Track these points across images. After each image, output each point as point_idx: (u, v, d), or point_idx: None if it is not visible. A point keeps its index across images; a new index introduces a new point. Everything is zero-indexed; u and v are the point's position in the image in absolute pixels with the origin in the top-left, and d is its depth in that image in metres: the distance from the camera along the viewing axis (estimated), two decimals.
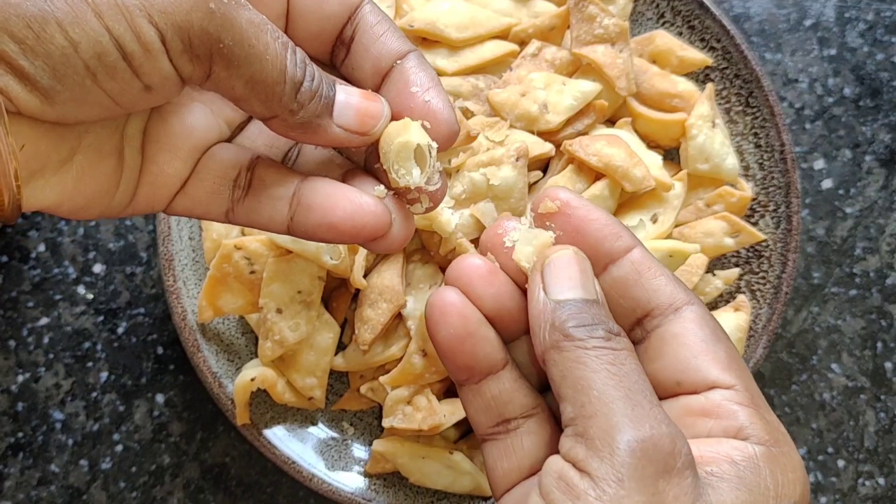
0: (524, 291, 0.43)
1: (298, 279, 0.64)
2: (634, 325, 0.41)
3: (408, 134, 0.41)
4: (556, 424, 0.44)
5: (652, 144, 0.70)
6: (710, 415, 0.39)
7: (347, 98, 0.40)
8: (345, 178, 0.44)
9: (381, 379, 0.64)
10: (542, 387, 0.45)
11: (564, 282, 0.40)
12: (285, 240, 0.62)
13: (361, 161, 0.45)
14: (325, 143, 0.41)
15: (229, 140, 0.45)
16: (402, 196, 0.43)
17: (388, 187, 0.42)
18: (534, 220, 0.43)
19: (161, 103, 0.39)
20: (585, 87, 0.65)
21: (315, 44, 0.42)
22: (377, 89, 0.42)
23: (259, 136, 0.45)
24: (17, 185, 0.33)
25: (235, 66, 0.36)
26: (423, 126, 0.41)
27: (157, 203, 0.42)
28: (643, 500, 0.34)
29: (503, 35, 0.68)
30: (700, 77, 0.71)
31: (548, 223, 0.43)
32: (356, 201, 0.41)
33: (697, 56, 0.70)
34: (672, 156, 0.70)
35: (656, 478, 0.35)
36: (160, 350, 0.73)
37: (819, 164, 0.76)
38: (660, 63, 0.71)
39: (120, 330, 0.73)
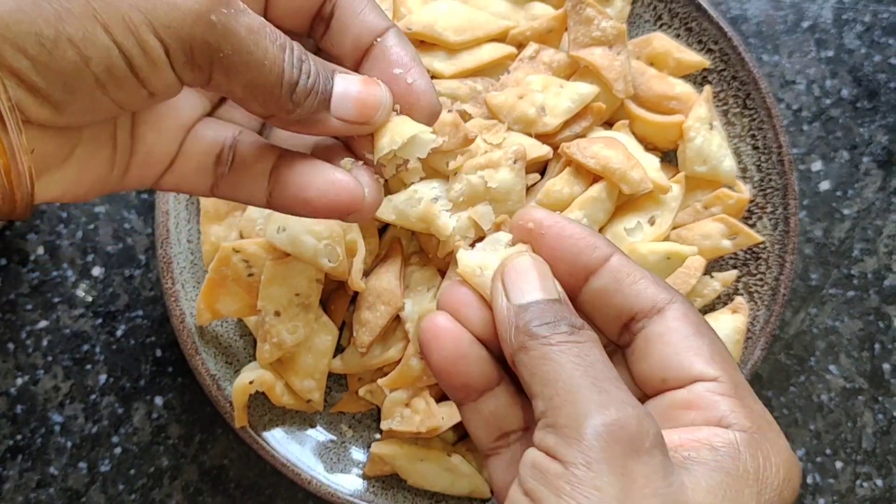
0: None
1: (296, 282, 0.63)
2: (622, 331, 0.43)
3: (406, 128, 0.42)
4: None
5: (649, 146, 0.69)
6: (693, 406, 0.39)
7: (346, 88, 0.41)
8: (319, 152, 0.45)
9: (380, 381, 0.64)
10: None
11: (524, 286, 0.41)
12: (283, 242, 0.62)
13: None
14: (327, 134, 0.42)
15: (211, 113, 0.46)
16: (370, 165, 0.44)
17: (358, 158, 0.43)
18: (510, 241, 0.45)
19: (161, 103, 0.41)
20: (583, 90, 0.65)
21: (294, 19, 0.43)
22: (357, 65, 0.43)
23: (238, 108, 0.46)
24: (31, 185, 0.35)
25: (234, 72, 0.37)
26: (397, 111, 0.43)
27: (147, 180, 0.44)
28: (612, 480, 0.35)
29: (501, 38, 0.68)
30: (698, 79, 0.71)
31: (524, 244, 0.44)
32: (330, 178, 0.42)
33: (695, 58, 0.70)
34: (670, 158, 0.70)
35: (624, 458, 0.35)
36: (159, 352, 0.73)
37: (817, 165, 0.76)
38: (657, 65, 0.71)
39: (119, 332, 0.73)
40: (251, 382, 0.64)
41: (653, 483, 0.35)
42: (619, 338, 0.43)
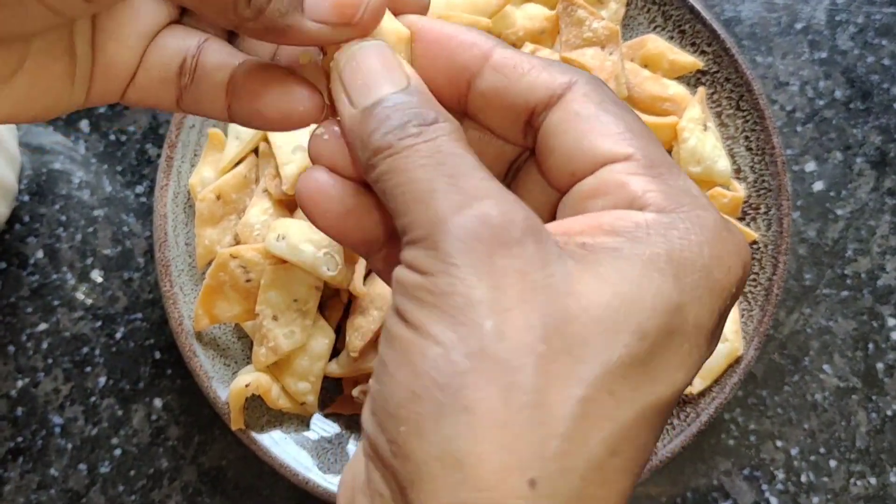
0: None
1: (295, 288, 0.64)
2: (525, 131, 0.37)
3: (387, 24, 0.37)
4: None
5: None
6: (600, 193, 0.33)
7: None
8: (284, 49, 0.40)
9: (372, 381, 0.64)
10: None
11: (367, 79, 0.35)
12: (282, 251, 0.62)
13: None
14: (305, 43, 0.36)
15: (179, 21, 0.41)
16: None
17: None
18: None
19: (106, 9, 0.37)
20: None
21: None
22: None
23: None
24: None
25: None
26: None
27: (110, 94, 0.40)
28: (478, 281, 0.29)
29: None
30: (691, 81, 0.71)
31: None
32: (284, 85, 0.38)
33: (688, 59, 0.70)
34: None
35: (490, 255, 0.30)
36: (158, 355, 0.73)
37: (810, 166, 0.76)
38: (651, 67, 0.71)
39: (118, 335, 0.73)
40: (247, 386, 0.64)
41: (528, 276, 0.30)
42: (524, 140, 0.37)
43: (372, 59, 0.35)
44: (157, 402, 0.72)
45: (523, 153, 0.38)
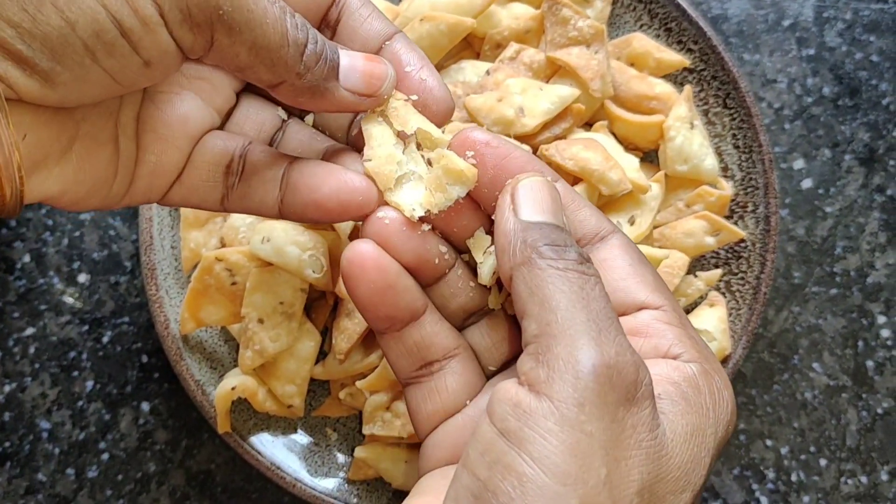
0: (446, 238, 0.44)
1: (281, 290, 0.63)
2: None
3: (411, 119, 0.43)
4: (477, 362, 0.44)
5: (630, 147, 0.70)
6: (640, 334, 0.38)
7: (352, 61, 0.40)
8: (330, 157, 0.44)
9: (358, 383, 0.64)
10: (462, 326, 0.45)
11: (535, 205, 0.39)
12: (267, 253, 0.62)
13: (344, 139, 0.46)
14: (334, 107, 0.41)
15: (220, 128, 0.45)
16: None
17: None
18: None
19: (162, 79, 0.39)
20: (563, 92, 0.64)
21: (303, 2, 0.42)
22: None
23: (246, 122, 0.46)
24: (20, 177, 0.33)
25: (237, 32, 0.35)
26: (413, 102, 0.43)
27: (155, 192, 0.42)
28: (602, 426, 0.33)
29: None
30: (678, 79, 0.71)
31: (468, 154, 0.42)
32: (341, 178, 0.42)
33: (675, 58, 0.70)
34: (651, 157, 0.70)
35: (617, 405, 0.33)
36: (145, 358, 0.73)
37: (799, 163, 0.76)
38: (637, 65, 0.71)
39: (105, 339, 0.73)
40: (233, 389, 0.64)
41: (640, 435, 0.34)
42: None
43: (545, 191, 0.39)
44: (145, 406, 0.72)
45: None
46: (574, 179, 0.64)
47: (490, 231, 0.44)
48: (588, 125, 0.69)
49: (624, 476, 0.33)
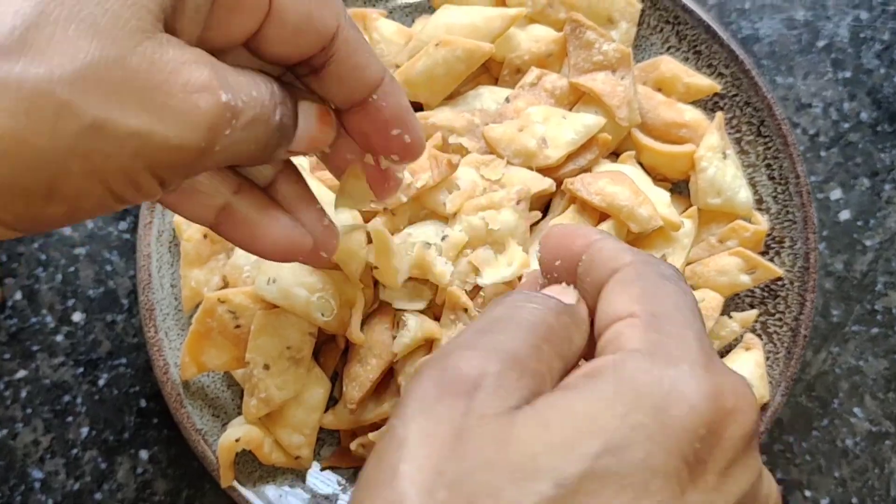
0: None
1: (288, 334, 0.60)
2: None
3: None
4: None
5: (659, 178, 0.66)
6: (605, 351, 0.34)
7: (304, 129, 0.40)
8: (278, 188, 0.44)
9: (371, 435, 0.61)
10: None
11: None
12: (273, 295, 0.59)
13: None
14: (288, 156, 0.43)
15: None
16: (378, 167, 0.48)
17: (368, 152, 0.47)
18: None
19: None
20: (588, 121, 0.61)
21: (281, 60, 0.40)
22: (347, 113, 0.43)
23: None
24: None
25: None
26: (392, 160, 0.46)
27: None
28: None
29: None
30: (709, 105, 0.67)
31: (555, 274, 0.40)
32: (280, 232, 0.43)
33: (705, 82, 0.66)
34: (681, 189, 0.67)
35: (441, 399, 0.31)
36: (143, 403, 0.69)
37: (836, 193, 0.72)
38: (665, 90, 0.67)
39: (101, 382, 0.69)
40: (237, 440, 0.61)
41: (458, 423, 0.30)
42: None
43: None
44: (143, 454, 0.69)
45: None
46: (600, 216, 0.60)
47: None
48: (614, 155, 0.65)
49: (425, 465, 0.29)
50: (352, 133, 0.44)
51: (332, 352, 0.64)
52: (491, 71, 0.67)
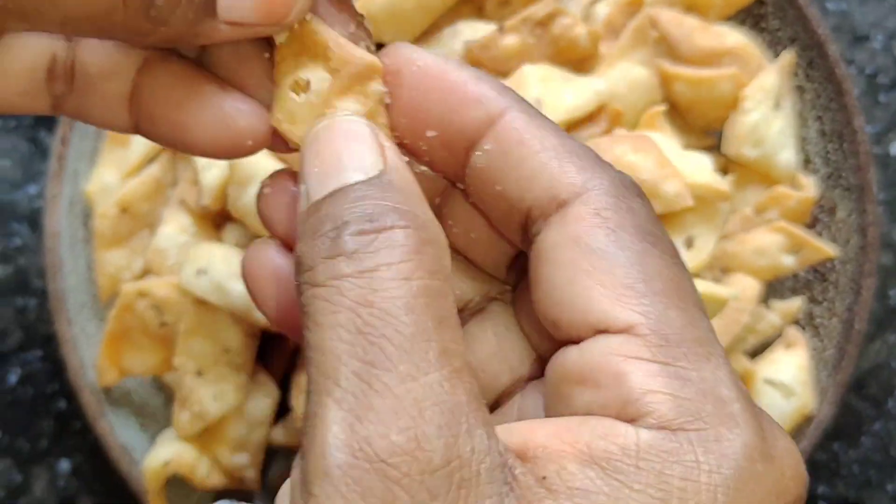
0: None
1: (226, 335, 0.56)
2: (523, 237, 0.30)
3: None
4: None
5: (698, 125, 0.59)
6: (587, 380, 0.26)
7: None
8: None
9: None
10: None
11: (326, 168, 0.28)
12: (204, 290, 0.54)
13: None
14: (215, 43, 0.30)
15: None
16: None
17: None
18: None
19: None
20: (597, 86, 0.53)
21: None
22: None
23: None
24: None
25: (32, 16, 0.27)
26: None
27: None
28: None
29: None
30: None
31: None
32: (222, 112, 0.31)
33: None
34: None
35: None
36: (62, 404, 0.64)
37: None
38: (699, 8, 0.59)
39: (12, 379, 0.65)
40: (167, 464, 0.55)
41: None
42: (523, 244, 0.30)
43: (338, 139, 0.28)
44: (64, 465, 0.64)
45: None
46: None
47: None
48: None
49: None
50: None
51: (280, 353, 0.59)
52: None
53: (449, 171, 0.30)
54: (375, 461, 0.23)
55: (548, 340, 0.29)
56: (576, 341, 0.26)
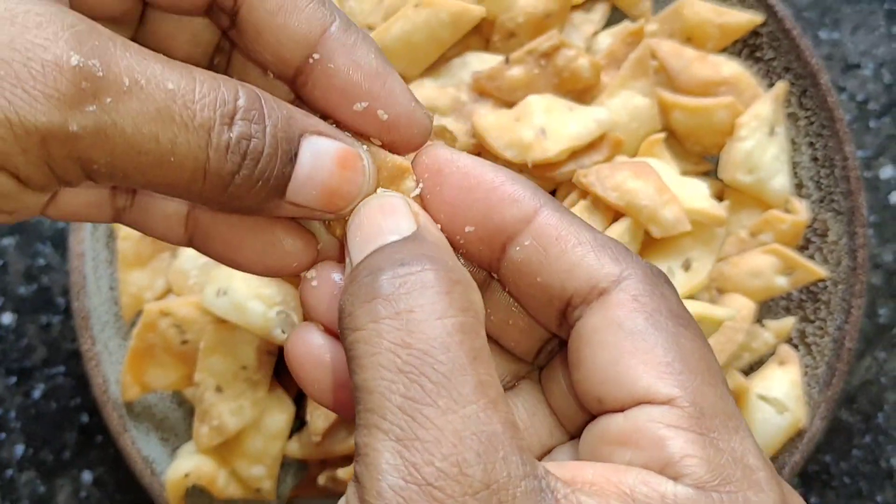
0: None
1: (243, 352, 0.57)
2: (560, 321, 0.32)
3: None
4: None
5: (695, 152, 0.60)
6: (629, 442, 0.29)
7: (314, 166, 0.31)
8: None
9: (342, 471, 0.57)
10: None
11: (366, 234, 0.31)
12: (225, 309, 0.55)
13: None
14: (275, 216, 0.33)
15: None
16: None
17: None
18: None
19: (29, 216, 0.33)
20: (599, 116, 0.54)
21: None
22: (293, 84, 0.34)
23: None
24: None
25: (125, 176, 0.29)
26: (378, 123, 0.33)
27: (25, 211, 0.34)
28: None
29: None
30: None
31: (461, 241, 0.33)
32: (268, 241, 0.34)
33: (742, 17, 0.60)
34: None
35: None
36: (85, 417, 0.66)
37: (887, 171, 0.67)
38: (696, 41, 0.60)
39: (36, 394, 0.66)
40: (187, 475, 0.57)
41: None
42: (558, 329, 0.33)
43: (376, 212, 0.31)
44: (87, 476, 0.66)
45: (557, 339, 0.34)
46: (615, 215, 0.53)
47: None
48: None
49: None
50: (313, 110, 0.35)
51: None
52: (482, 31, 0.59)
53: (483, 264, 0.32)
54: (423, 484, 0.25)
55: (577, 413, 0.31)
56: (618, 411, 0.29)
